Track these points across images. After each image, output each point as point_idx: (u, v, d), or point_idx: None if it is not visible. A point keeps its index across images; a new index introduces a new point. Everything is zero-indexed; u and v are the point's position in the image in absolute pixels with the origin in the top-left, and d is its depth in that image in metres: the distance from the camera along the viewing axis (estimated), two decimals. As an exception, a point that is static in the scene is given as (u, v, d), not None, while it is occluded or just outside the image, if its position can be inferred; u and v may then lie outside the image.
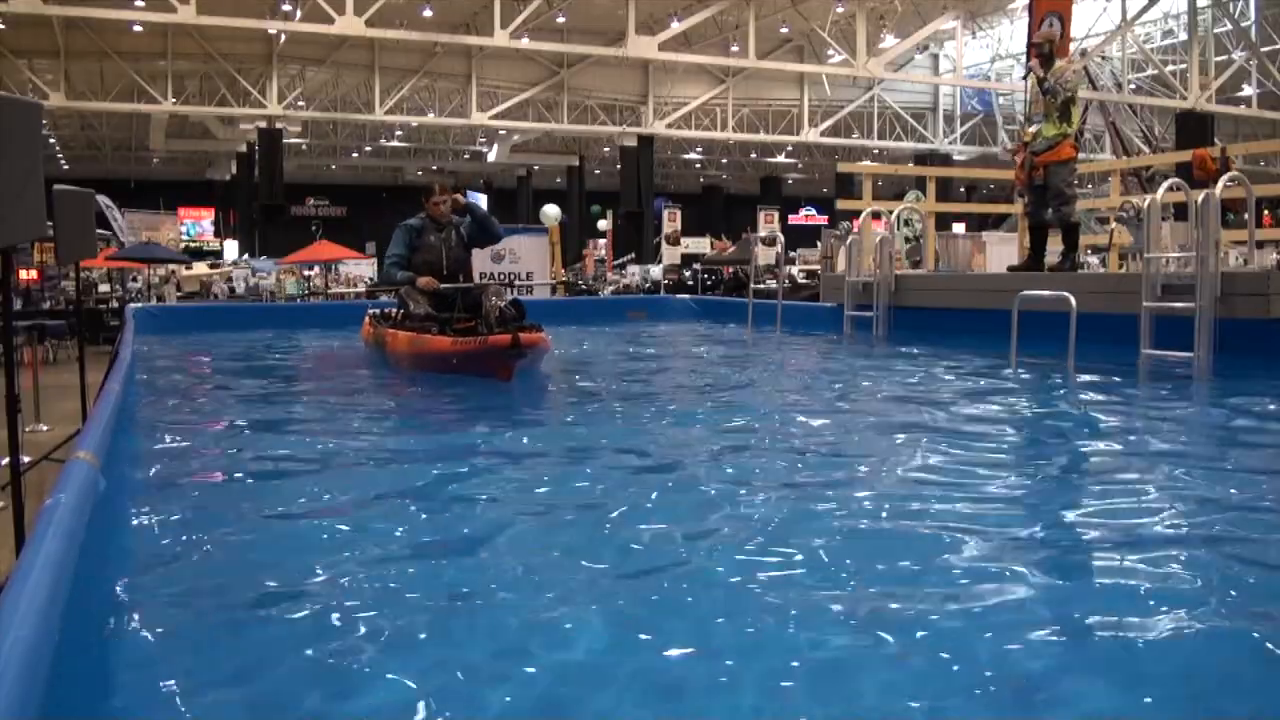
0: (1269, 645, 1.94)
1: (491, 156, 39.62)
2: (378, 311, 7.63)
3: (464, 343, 5.59)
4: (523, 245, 16.37)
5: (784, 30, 31.47)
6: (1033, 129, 8.12)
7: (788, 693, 1.77)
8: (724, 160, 44.20)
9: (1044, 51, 8.12)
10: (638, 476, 3.49)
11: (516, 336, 5.26)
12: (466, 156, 42.55)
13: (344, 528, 2.81)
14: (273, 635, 2.01)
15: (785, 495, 3.12)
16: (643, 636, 2.01)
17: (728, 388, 6.19)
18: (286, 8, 25.86)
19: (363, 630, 2.00)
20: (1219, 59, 30.27)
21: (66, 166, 38.15)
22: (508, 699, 1.74)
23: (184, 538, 2.66)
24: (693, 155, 42.82)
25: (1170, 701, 1.75)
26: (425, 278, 6.40)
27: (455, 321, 5.94)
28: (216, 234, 38.92)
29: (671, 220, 27.32)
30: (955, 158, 35.90)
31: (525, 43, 26.89)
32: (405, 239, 6.54)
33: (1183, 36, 30.42)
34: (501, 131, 35.69)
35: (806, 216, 40.64)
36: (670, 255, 26.38)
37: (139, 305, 12.32)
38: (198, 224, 39.37)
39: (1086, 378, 5.68)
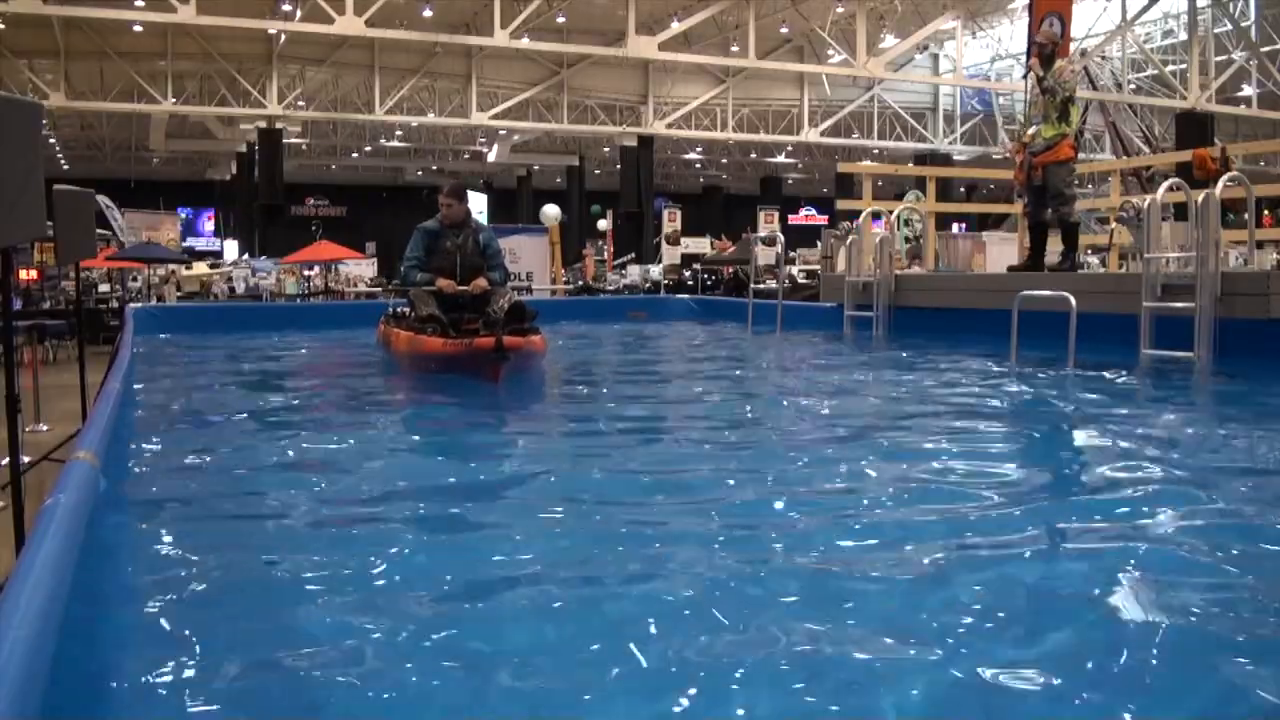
0: (1264, 643, 1.94)
1: (491, 156, 39.59)
2: (392, 311, 7.66)
3: (452, 344, 5.63)
4: (523, 245, 16.37)
5: (784, 30, 31.42)
6: (1032, 130, 8.13)
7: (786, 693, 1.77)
8: (724, 160, 44.15)
9: (1045, 51, 8.12)
10: (629, 479, 3.49)
11: (500, 339, 5.27)
12: (466, 156, 42.52)
13: (344, 526, 2.81)
14: (273, 635, 2.01)
15: (782, 495, 3.12)
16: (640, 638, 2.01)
17: (726, 388, 6.18)
18: (286, 8, 25.84)
19: (363, 629, 2.00)
20: (1219, 59, 30.23)
21: (66, 166, 38.11)
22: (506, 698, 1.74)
23: (184, 537, 2.66)
24: (693, 155, 42.78)
25: (1167, 701, 1.75)
26: (445, 280, 6.40)
27: (465, 322, 5.96)
28: (216, 233, 38.91)
29: (671, 220, 27.29)
30: (955, 158, 35.86)
31: (525, 43, 26.86)
32: (422, 242, 6.53)
33: (1183, 36, 30.38)
34: (501, 131, 35.65)
35: (806, 216, 40.66)
36: (670, 255, 26.34)
37: (139, 305, 12.32)
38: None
39: (1086, 377, 5.68)
